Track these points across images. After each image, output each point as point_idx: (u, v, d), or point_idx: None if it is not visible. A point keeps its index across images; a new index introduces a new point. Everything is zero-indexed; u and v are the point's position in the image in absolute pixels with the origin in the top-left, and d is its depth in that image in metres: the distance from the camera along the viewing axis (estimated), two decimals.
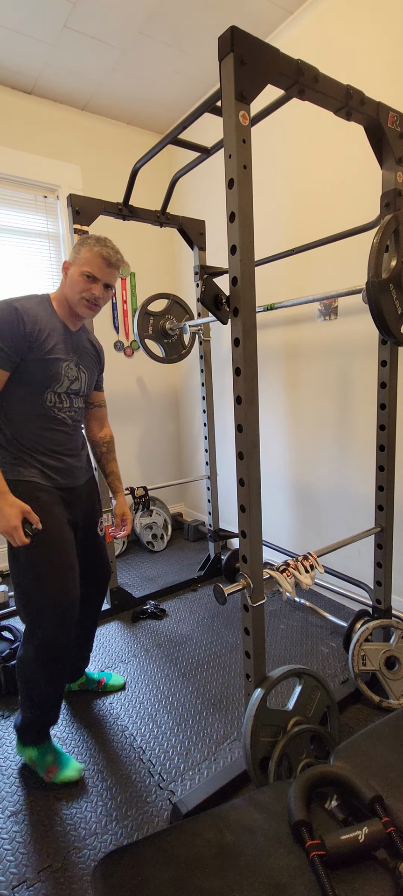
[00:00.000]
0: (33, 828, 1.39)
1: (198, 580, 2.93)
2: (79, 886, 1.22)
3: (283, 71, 1.24)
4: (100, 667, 2.13)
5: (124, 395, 3.65)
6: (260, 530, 1.33)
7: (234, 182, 1.17)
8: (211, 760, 1.61)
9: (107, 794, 1.49)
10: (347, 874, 0.85)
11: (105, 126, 3.35)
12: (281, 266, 2.68)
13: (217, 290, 1.26)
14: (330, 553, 1.69)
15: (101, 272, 1.49)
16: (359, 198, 2.23)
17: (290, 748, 1.35)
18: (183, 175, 2.30)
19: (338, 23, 2.24)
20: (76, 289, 1.49)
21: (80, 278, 1.48)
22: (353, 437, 2.43)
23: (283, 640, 2.27)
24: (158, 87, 3.02)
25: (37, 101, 3.04)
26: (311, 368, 2.62)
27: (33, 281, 3.15)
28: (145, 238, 3.61)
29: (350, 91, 1.41)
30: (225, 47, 1.14)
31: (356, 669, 1.76)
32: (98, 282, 1.50)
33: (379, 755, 1.10)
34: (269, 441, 2.94)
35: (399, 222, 1.41)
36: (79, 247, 1.51)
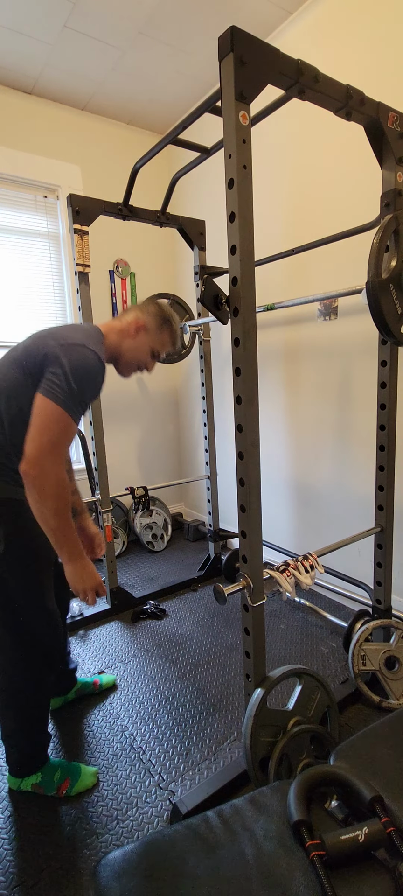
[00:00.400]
0: (34, 828, 1.39)
1: (198, 580, 2.93)
2: (80, 886, 1.22)
3: (283, 71, 1.24)
4: (99, 667, 2.13)
5: (124, 395, 3.65)
6: (260, 530, 1.33)
7: (234, 182, 1.17)
8: (211, 760, 1.61)
9: (108, 793, 1.49)
10: (347, 874, 0.85)
11: (105, 126, 3.35)
12: (281, 266, 2.68)
13: (217, 290, 1.26)
14: (329, 553, 1.69)
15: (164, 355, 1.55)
16: (359, 198, 2.23)
17: (290, 748, 1.35)
18: (183, 175, 2.30)
19: (338, 23, 2.24)
20: (140, 357, 1.50)
21: (149, 354, 1.51)
22: (353, 437, 2.43)
23: (283, 640, 2.27)
24: (158, 87, 3.02)
25: (37, 101, 3.04)
26: (311, 368, 2.62)
27: (33, 281, 3.15)
28: (145, 238, 3.61)
29: (350, 91, 1.41)
30: (225, 47, 1.14)
31: (356, 669, 1.76)
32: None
33: (379, 755, 1.10)
34: (269, 441, 2.94)
35: (399, 222, 1.41)
36: (162, 325, 1.52)
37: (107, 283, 3.48)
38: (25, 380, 1.29)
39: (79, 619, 2.47)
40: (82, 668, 2.13)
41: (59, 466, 1.22)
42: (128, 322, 1.50)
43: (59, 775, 1.49)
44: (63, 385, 1.22)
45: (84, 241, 2.28)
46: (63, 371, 1.23)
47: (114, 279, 3.49)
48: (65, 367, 1.23)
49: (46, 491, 1.19)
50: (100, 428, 2.46)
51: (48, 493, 1.20)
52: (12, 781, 1.50)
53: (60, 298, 3.29)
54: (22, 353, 1.33)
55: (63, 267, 3.26)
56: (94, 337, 1.37)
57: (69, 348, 1.27)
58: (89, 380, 1.28)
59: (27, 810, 1.44)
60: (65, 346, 1.28)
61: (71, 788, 1.48)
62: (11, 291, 3.08)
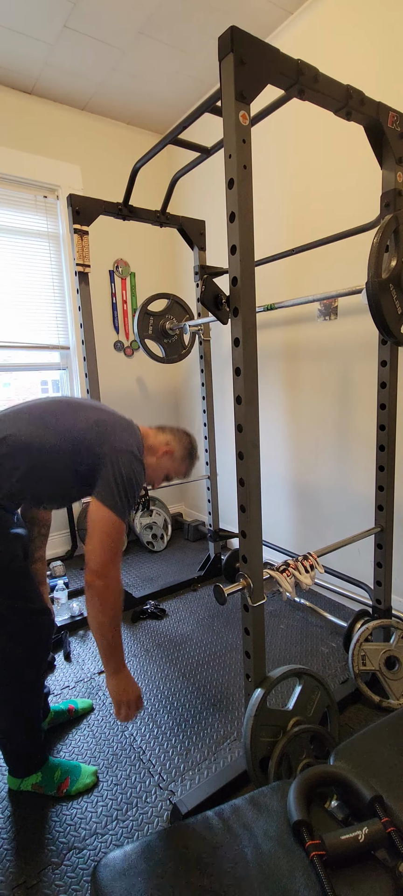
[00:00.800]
0: (34, 828, 1.39)
1: (198, 580, 2.93)
2: (80, 887, 1.22)
3: (283, 71, 1.24)
4: (99, 667, 2.13)
5: (124, 395, 3.65)
6: (260, 530, 1.33)
7: (234, 182, 1.17)
8: (211, 760, 1.60)
9: (108, 794, 1.49)
10: (347, 874, 0.85)
11: (105, 126, 3.35)
12: (281, 266, 2.68)
13: (217, 290, 1.26)
14: (330, 553, 1.69)
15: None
16: (359, 198, 2.23)
17: (290, 748, 1.35)
18: (183, 175, 2.30)
19: (338, 23, 2.24)
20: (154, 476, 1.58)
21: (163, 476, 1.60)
22: (353, 437, 2.42)
23: (283, 640, 2.27)
24: (158, 87, 3.02)
25: (37, 101, 3.04)
26: (311, 368, 2.62)
27: (33, 281, 3.15)
28: (145, 238, 3.61)
29: (350, 91, 1.41)
30: (225, 47, 1.14)
31: (356, 669, 1.76)
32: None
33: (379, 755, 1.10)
34: (269, 441, 2.94)
35: (399, 222, 1.41)
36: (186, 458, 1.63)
37: (107, 283, 3.48)
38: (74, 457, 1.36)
39: (79, 619, 2.47)
40: (82, 668, 2.13)
41: (119, 573, 1.32)
42: (160, 442, 1.59)
43: (59, 774, 1.50)
44: (120, 495, 1.31)
45: (84, 241, 2.28)
46: (120, 479, 1.32)
47: (114, 279, 3.49)
48: (121, 475, 1.32)
49: (109, 600, 1.29)
50: None
51: (111, 602, 1.29)
52: (12, 782, 1.50)
53: (60, 298, 3.29)
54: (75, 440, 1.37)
55: (63, 267, 3.27)
56: (139, 444, 1.46)
57: (124, 454, 1.36)
58: (138, 488, 1.39)
59: (27, 810, 1.44)
60: (121, 452, 1.35)
61: (71, 788, 1.48)
62: (11, 291, 3.08)
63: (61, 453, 1.37)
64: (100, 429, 1.39)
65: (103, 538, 1.29)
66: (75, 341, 3.31)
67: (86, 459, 1.37)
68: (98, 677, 2.06)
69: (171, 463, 1.60)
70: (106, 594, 1.28)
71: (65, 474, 1.40)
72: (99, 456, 1.36)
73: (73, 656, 2.22)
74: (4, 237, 3.02)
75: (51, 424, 1.40)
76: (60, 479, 1.41)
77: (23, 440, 1.34)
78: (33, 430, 1.37)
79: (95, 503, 1.31)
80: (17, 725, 1.44)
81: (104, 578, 1.27)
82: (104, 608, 1.28)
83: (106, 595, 1.28)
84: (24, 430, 1.36)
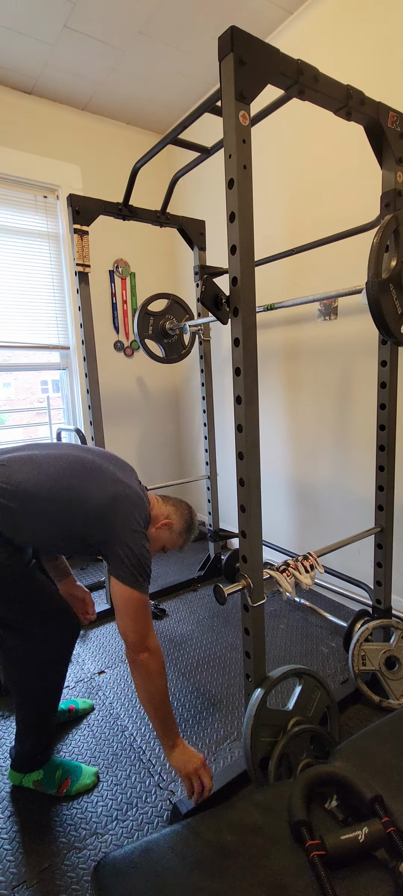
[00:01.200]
0: (34, 828, 1.39)
1: (198, 580, 2.93)
2: (80, 887, 1.22)
3: (283, 71, 1.24)
4: (99, 667, 2.13)
5: (124, 395, 3.65)
6: (260, 530, 1.33)
7: (234, 182, 1.17)
8: (211, 760, 1.60)
9: (108, 794, 1.49)
10: (347, 874, 0.85)
11: (105, 126, 3.35)
12: (281, 266, 2.68)
13: (217, 290, 1.26)
14: (330, 553, 1.69)
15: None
16: (359, 198, 2.23)
17: (290, 748, 1.35)
18: (183, 175, 2.30)
19: (338, 23, 2.24)
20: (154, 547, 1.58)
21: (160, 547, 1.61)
22: (353, 437, 2.42)
23: (283, 640, 2.27)
24: (158, 87, 3.02)
25: (37, 101, 3.04)
26: (311, 368, 2.62)
27: (33, 281, 3.15)
28: (145, 238, 3.61)
29: (350, 91, 1.41)
30: (225, 47, 1.14)
31: (356, 669, 1.76)
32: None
33: (379, 755, 1.10)
34: (269, 441, 2.94)
35: (399, 222, 1.41)
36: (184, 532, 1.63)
37: (107, 283, 3.48)
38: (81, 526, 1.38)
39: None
40: (82, 668, 2.13)
41: (157, 642, 1.36)
42: (161, 513, 1.59)
43: (61, 774, 1.50)
44: (138, 572, 1.33)
45: (84, 241, 2.28)
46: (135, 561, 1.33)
47: (114, 279, 3.49)
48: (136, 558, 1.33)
49: (155, 670, 1.32)
50: (100, 428, 2.46)
51: (156, 671, 1.33)
52: (14, 777, 1.51)
53: (60, 298, 3.29)
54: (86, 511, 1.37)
55: (63, 267, 3.26)
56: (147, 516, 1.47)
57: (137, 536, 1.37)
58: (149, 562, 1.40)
59: (27, 810, 1.44)
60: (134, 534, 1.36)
61: (71, 787, 1.49)
62: (11, 292, 3.08)
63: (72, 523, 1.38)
64: (115, 506, 1.38)
65: (135, 616, 1.32)
66: (75, 341, 3.32)
67: (96, 534, 1.38)
68: (98, 677, 2.06)
69: (169, 535, 1.60)
70: (151, 665, 1.31)
71: (72, 541, 1.43)
72: (111, 532, 1.36)
73: (73, 656, 2.22)
74: (4, 237, 3.02)
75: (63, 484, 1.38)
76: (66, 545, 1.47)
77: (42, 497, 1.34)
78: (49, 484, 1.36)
79: (118, 584, 1.32)
80: (40, 722, 1.48)
81: (146, 651, 1.31)
82: (152, 679, 1.31)
83: (151, 667, 1.31)
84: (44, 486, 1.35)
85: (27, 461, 1.39)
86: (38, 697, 1.45)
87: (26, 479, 1.34)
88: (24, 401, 3.39)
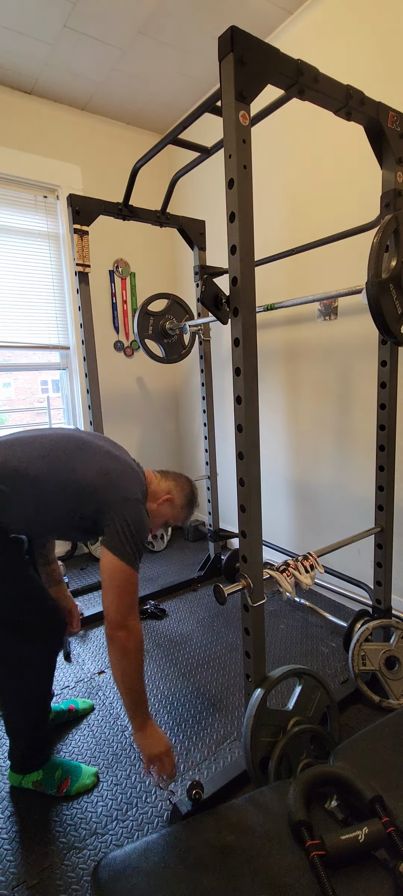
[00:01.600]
0: (34, 828, 1.39)
1: (198, 580, 2.93)
2: (80, 887, 1.22)
3: (283, 71, 1.24)
4: (99, 667, 2.13)
5: (124, 395, 3.65)
6: (260, 530, 1.33)
7: (234, 182, 1.17)
8: (211, 760, 1.60)
9: (108, 794, 1.49)
10: (347, 874, 0.85)
11: (105, 126, 3.35)
12: (281, 266, 2.68)
13: (217, 290, 1.26)
14: (330, 553, 1.69)
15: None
16: (359, 198, 2.23)
17: (290, 748, 1.34)
18: (183, 175, 2.30)
19: (338, 23, 2.24)
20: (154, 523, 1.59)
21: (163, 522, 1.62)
22: (353, 436, 2.42)
23: (283, 640, 2.27)
24: (158, 87, 3.02)
25: (37, 101, 3.04)
26: (311, 368, 2.62)
27: (33, 281, 3.15)
28: (145, 238, 3.61)
29: (350, 91, 1.41)
30: (225, 47, 1.14)
31: (356, 669, 1.76)
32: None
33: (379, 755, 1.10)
34: (269, 441, 2.94)
35: (399, 222, 1.41)
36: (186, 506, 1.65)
37: (107, 283, 3.48)
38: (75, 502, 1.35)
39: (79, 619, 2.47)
40: (82, 668, 2.13)
41: (139, 622, 1.33)
42: (162, 490, 1.60)
43: (60, 774, 1.50)
44: (131, 545, 1.31)
45: (84, 241, 2.28)
46: (129, 531, 1.31)
47: (114, 279, 3.49)
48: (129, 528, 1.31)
49: (132, 650, 1.30)
50: (100, 428, 2.46)
51: (133, 651, 1.30)
52: (13, 778, 1.50)
53: (60, 298, 3.29)
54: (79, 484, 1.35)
55: (63, 267, 3.27)
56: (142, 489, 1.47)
57: (131, 505, 1.36)
58: (146, 535, 1.39)
59: (27, 810, 1.44)
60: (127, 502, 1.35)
61: (71, 788, 1.48)
62: (11, 292, 3.08)
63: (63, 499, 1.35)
64: (107, 478, 1.37)
65: (120, 592, 1.30)
66: (75, 341, 3.32)
67: (88, 508, 1.35)
68: (98, 677, 2.06)
69: (171, 511, 1.61)
70: (128, 644, 1.29)
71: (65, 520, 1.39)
72: (104, 503, 1.34)
73: (73, 656, 2.22)
74: (4, 237, 3.02)
75: (53, 464, 1.36)
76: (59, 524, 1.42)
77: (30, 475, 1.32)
78: (38, 466, 1.34)
79: (107, 554, 1.30)
80: (28, 722, 1.46)
81: (125, 629, 1.29)
82: (128, 658, 1.30)
83: (128, 645, 1.29)
84: (33, 465, 1.34)
85: (14, 442, 1.38)
86: (24, 696, 1.43)
87: (13, 458, 1.32)
88: (24, 401, 3.39)
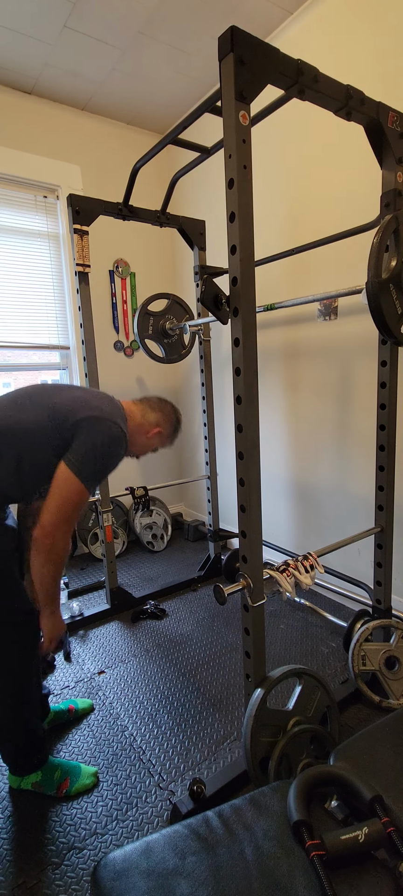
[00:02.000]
0: (34, 828, 1.39)
1: (198, 580, 2.93)
2: (80, 887, 1.22)
3: (283, 71, 1.24)
4: (99, 667, 2.13)
5: (124, 395, 3.62)
6: (260, 530, 1.33)
7: (234, 182, 1.17)
8: (211, 760, 1.61)
9: (108, 794, 1.49)
10: (347, 874, 0.85)
11: (105, 126, 3.35)
12: (281, 266, 2.68)
13: (217, 290, 1.26)
14: (330, 553, 1.69)
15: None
16: (359, 198, 2.23)
17: (290, 748, 1.35)
18: (183, 175, 2.30)
19: (338, 22, 2.24)
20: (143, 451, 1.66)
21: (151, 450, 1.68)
22: (353, 437, 2.42)
23: (283, 640, 2.27)
24: (158, 87, 3.02)
25: (37, 101, 3.04)
26: (311, 368, 2.62)
27: (33, 281, 3.15)
28: (145, 238, 3.61)
29: (350, 91, 1.41)
30: (225, 47, 1.14)
31: (356, 669, 1.76)
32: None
33: (379, 755, 1.10)
34: (269, 441, 2.94)
35: (399, 222, 1.41)
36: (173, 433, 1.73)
37: (107, 283, 3.48)
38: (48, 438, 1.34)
39: (79, 619, 2.47)
40: (82, 668, 2.13)
41: (68, 537, 1.34)
42: (149, 422, 1.64)
43: (59, 774, 1.50)
44: (89, 460, 1.30)
45: (84, 241, 2.28)
46: (92, 446, 1.31)
47: (114, 279, 3.49)
48: (94, 442, 1.32)
49: (53, 560, 1.30)
50: None
51: (54, 560, 1.30)
52: (13, 780, 1.50)
53: (60, 298, 3.29)
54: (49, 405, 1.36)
55: (63, 267, 3.27)
56: (122, 417, 1.48)
57: (101, 422, 1.36)
58: (113, 456, 1.39)
59: (27, 810, 1.44)
60: (97, 420, 1.35)
61: (71, 788, 1.48)
62: (11, 292, 3.08)
63: (39, 432, 1.34)
64: (78, 402, 1.38)
65: (61, 502, 1.29)
66: (75, 341, 3.32)
67: (64, 433, 1.34)
68: (98, 677, 2.06)
69: (160, 440, 1.69)
70: (50, 555, 1.29)
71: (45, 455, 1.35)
72: (75, 424, 1.33)
73: (73, 656, 2.22)
74: (4, 237, 3.02)
75: (26, 406, 1.38)
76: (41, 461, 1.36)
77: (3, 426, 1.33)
78: (10, 414, 1.35)
79: (62, 465, 1.30)
80: (13, 724, 1.44)
81: (52, 539, 1.28)
82: (47, 564, 1.30)
83: (50, 556, 1.29)
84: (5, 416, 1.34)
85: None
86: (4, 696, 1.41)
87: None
88: None
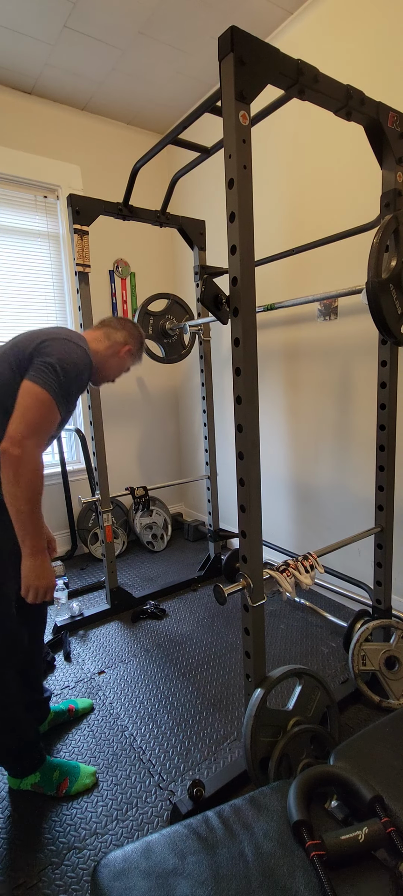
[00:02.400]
0: (34, 828, 1.39)
1: (198, 580, 2.93)
2: (80, 887, 1.22)
3: (283, 71, 1.24)
4: (99, 667, 2.13)
5: (124, 395, 3.65)
6: (260, 530, 1.33)
7: (234, 182, 1.17)
8: (211, 760, 1.61)
9: (108, 794, 1.49)
10: (347, 874, 0.85)
11: (105, 126, 3.35)
12: (281, 266, 2.68)
13: (217, 290, 1.26)
14: (330, 553, 1.69)
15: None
16: (359, 198, 2.23)
17: (290, 748, 1.35)
18: (183, 175, 2.30)
19: (338, 22, 2.24)
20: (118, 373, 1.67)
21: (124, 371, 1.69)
22: (353, 437, 2.43)
23: (283, 640, 2.27)
24: (158, 87, 3.02)
25: (37, 101, 3.04)
26: (311, 368, 2.62)
27: (33, 281, 3.15)
28: (145, 238, 3.61)
29: (350, 91, 1.41)
30: (225, 47, 1.14)
31: (356, 669, 1.76)
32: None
33: (379, 755, 1.10)
34: (269, 441, 2.94)
35: (399, 222, 1.41)
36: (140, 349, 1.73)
37: (107, 283, 3.48)
38: (13, 376, 1.30)
39: (79, 619, 2.47)
40: (82, 668, 2.13)
41: (39, 451, 1.24)
42: (117, 342, 1.62)
43: (58, 775, 1.50)
44: (51, 373, 1.26)
45: (84, 241, 2.28)
46: (52, 361, 1.28)
47: (114, 279, 3.49)
48: (54, 358, 1.28)
49: (23, 473, 1.20)
50: (100, 428, 2.46)
51: (25, 475, 1.20)
52: (12, 781, 1.50)
53: (60, 298, 3.29)
54: (9, 350, 1.34)
55: (63, 267, 3.27)
56: (84, 341, 1.46)
57: (59, 342, 1.34)
58: (77, 373, 1.34)
59: (27, 810, 1.44)
60: (55, 340, 1.34)
61: (70, 788, 1.48)
62: (11, 292, 3.08)
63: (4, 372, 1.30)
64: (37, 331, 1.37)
65: (26, 410, 1.22)
66: None
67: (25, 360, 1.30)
68: (98, 677, 2.06)
69: (131, 359, 1.69)
70: (19, 467, 1.19)
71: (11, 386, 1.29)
72: (35, 348, 1.30)
73: (73, 656, 2.22)
74: (4, 237, 3.02)
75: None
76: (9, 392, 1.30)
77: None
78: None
79: (25, 382, 1.25)
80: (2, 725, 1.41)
81: (20, 448, 1.19)
82: (18, 480, 1.19)
83: (19, 468, 1.19)
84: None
85: None
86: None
87: None
88: None
